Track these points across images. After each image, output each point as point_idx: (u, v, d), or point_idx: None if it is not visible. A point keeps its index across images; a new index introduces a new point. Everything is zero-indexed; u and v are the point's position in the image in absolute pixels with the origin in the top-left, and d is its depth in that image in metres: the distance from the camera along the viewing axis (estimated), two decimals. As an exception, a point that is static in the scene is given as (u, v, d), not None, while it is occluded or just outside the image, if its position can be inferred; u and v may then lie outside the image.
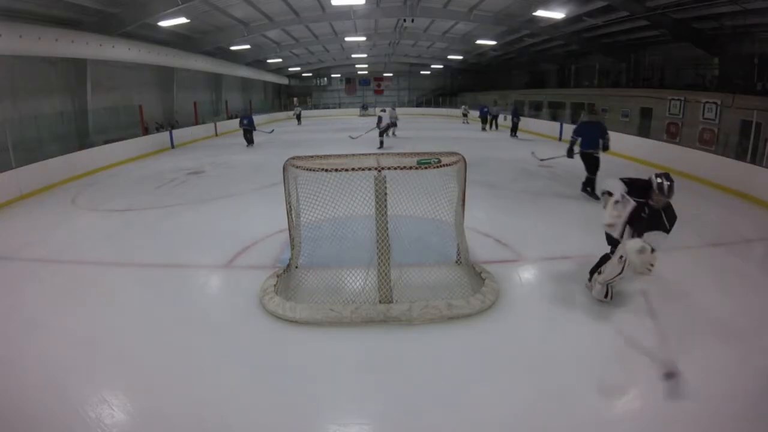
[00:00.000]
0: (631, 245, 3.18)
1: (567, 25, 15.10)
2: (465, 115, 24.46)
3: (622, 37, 15.68)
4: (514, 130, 16.63)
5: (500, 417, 2.55)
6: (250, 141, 15.08)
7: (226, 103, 24.06)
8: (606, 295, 3.78)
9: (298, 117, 26.26)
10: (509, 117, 17.35)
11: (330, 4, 14.09)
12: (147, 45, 13.74)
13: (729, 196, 7.53)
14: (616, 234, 3.56)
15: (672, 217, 3.40)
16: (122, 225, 6.45)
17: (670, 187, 3.32)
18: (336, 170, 3.48)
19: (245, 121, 15.20)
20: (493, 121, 19.46)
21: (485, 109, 19.57)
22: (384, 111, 15.61)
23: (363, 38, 21.00)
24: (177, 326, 3.57)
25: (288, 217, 4.13)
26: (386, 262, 3.64)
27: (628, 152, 11.67)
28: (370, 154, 3.91)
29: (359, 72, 34.97)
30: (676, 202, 3.35)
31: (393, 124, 16.03)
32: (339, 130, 20.94)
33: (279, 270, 4.28)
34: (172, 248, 5.37)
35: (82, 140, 12.13)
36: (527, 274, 4.52)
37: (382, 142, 13.15)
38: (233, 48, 19.09)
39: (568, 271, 4.50)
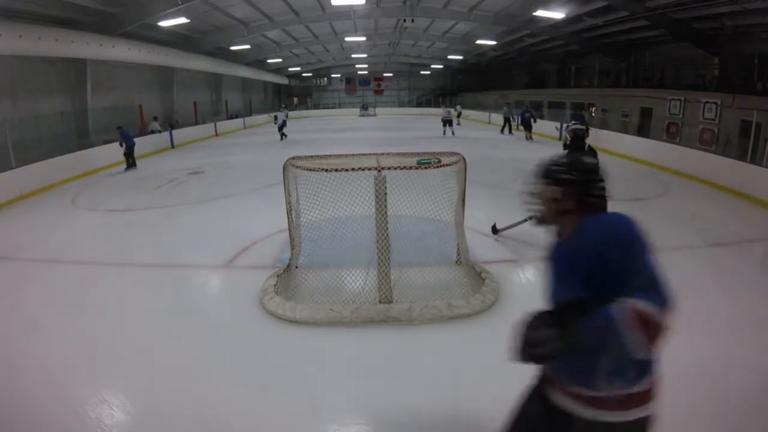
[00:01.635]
0: None
1: (567, 25, 15.09)
2: (458, 116, 23.40)
3: (622, 37, 15.67)
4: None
5: (500, 417, 2.54)
6: (131, 163, 11.18)
7: (226, 103, 24.07)
8: None
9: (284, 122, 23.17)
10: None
11: (330, 4, 14.09)
12: (147, 45, 13.74)
13: (729, 196, 7.53)
14: None
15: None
16: (122, 225, 6.45)
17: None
18: (336, 170, 3.48)
19: (124, 140, 10.90)
20: (507, 125, 17.29)
21: (527, 114, 15.93)
22: (281, 112, 18.67)
23: (363, 38, 21.00)
24: (177, 326, 3.57)
25: (288, 217, 4.13)
26: (386, 262, 3.64)
27: (628, 152, 11.69)
28: (370, 154, 3.92)
29: (359, 72, 34.95)
30: (677, 201, 3.33)
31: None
32: (339, 130, 20.94)
33: (279, 270, 4.28)
34: (172, 248, 5.37)
35: (82, 140, 12.13)
36: (527, 273, 4.52)
37: (282, 136, 16.80)
38: (233, 48, 19.09)
39: (568, 271, 4.49)
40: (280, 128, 16.83)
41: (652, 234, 1.26)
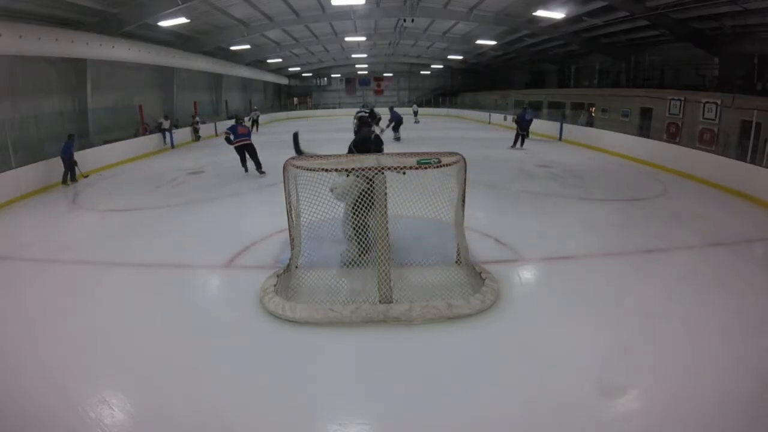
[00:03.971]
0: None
1: (567, 25, 15.10)
2: (415, 114, 23.53)
3: (622, 37, 15.68)
4: None
5: (500, 417, 2.55)
6: (68, 177, 9.36)
7: (226, 103, 24.06)
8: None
9: (254, 122, 21.38)
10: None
11: (330, 4, 14.09)
12: (147, 45, 13.72)
13: (729, 196, 7.53)
14: None
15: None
16: (122, 225, 6.45)
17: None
18: (336, 170, 3.48)
19: (67, 150, 9.27)
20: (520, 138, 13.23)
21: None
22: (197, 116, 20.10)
23: (363, 38, 21.00)
24: (177, 326, 3.57)
25: (288, 217, 4.13)
26: (386, 262, 3.64)
27: (628, 152, 11.69)
28: (369, 155, 3.92)
29: (359, 72, 34.97)
30: (677, 201, 3.34)
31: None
32: (339, 129, 20.93)
33: (279, 270, 4.28)
34: (172, 248, 5.37)
35: (82, 140, 12.11)
36: (527, 274, 4.52)
37: (197, 137, 18.06)
38: (233, 48, 19.08)
39: (568, 271, 4.50)
40: (196, 131, 18.34)
41: (653, 234, 1.26)
